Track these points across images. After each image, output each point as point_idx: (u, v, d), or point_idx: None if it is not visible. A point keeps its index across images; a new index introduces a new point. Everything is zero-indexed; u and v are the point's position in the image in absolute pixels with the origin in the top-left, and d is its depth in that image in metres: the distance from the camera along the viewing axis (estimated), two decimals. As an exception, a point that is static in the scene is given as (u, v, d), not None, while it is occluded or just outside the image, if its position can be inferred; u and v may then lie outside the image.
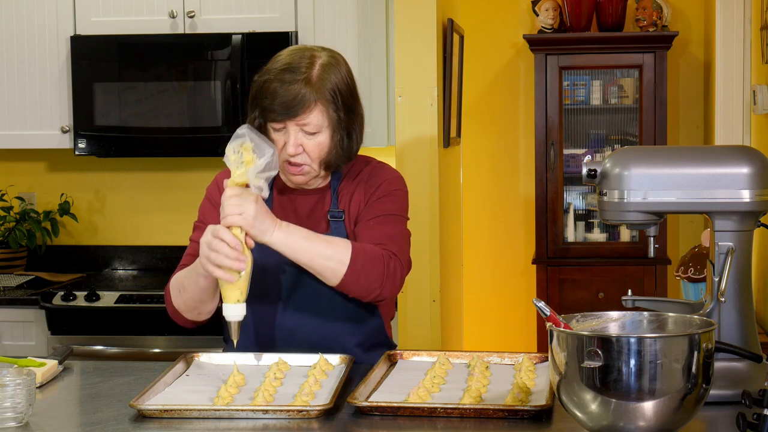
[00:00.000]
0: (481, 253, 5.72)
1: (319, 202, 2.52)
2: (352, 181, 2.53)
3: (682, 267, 2.62)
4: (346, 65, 2.48)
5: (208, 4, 4.18)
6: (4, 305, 4.05)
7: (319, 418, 2.03)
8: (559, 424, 1.98)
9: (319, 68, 2.41)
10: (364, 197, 2.50)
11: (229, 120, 4.07)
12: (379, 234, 2.42)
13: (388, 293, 2.37)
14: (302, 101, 2.37)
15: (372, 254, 2.34)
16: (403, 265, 2.39)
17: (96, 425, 2.03)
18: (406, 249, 2.44)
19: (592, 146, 5.39)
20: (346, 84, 2.44)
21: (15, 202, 4.56)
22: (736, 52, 4.61)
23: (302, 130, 2.41)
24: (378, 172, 2.54)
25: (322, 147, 2.42)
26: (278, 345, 2.48)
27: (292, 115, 2.39)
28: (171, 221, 4.59)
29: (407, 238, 2.48)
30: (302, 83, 2.38)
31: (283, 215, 2.47)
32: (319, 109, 2.39)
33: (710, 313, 2.12)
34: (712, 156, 2.12)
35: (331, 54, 2.47)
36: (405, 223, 2.51)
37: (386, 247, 2.38)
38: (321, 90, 2.39)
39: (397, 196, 2.51)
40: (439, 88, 4.06)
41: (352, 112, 2.46)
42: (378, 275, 2.33)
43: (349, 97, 2.45)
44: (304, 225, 2.39)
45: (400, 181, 2.55)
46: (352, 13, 4.10)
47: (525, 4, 5.56)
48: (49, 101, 4.27)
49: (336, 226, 2.49)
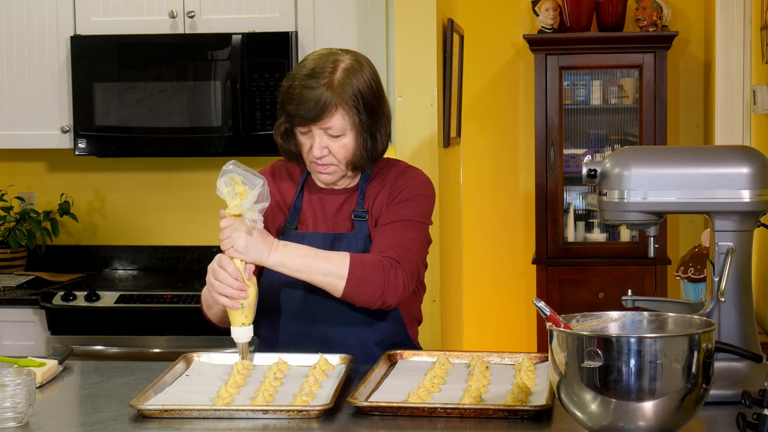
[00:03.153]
0: (481, 253, 5.72)
1: (347, 201, 2.57)
2: (379, 182, 2.57)
3: (682, 267, 2.62)
4: (370, 68, 2.53)
5: (208, 4, 4.18)
6: (4, 305, 4.05)
7: (319, 418, 2.03)
8: (559, 424, 1.98)
9: (341, 72, 2.46)
10: (387, 199, 2.54)
11: (229, 120, 4.07)
12: (389, 241, 2.45)
13: (393, 300, 2.40)
14: (324, 106, 2.43)
15: (371, 264, 2.37)
16: (406, 271, 2.41)
17: (96, 425, 2.03)
18: (413, 255, 2.46)
19: (592, 146, 5.39)
20: (370, 87, 2.49)
21: (15, 202, 4.56)
22: (736, 52, 4.61)
23: (326, 133, 2.47)
24: (404, 175, 2.58)
25: (347, 149, 2.48)
26: (299, 342, 2.52)
27: (315, 120, 2.45)
28: (171, 221, 4.59)
29: (419, 243, 2.50)
30: (324, 88, 2.44)
31: (312, 213, 2.56)
32: (341, 113, 2.45)
33: (710, 313, 2.12)
34: (712, 156, 2.12)
35: (356, 58, 2.52)
36: (421, 229, 2.53)
37: (390, 254, 2.41)
38: (342, 94, 2.44)
39: (418, 202, 2.54)
40: (439, 88, 4.06)
41: (375, 114, 2.51)
42: (378, 285, 2.37)
43: (373, 100, 2.50)
44: (330, 223, 2.53)
45: (424, 187, 2.57)
46: (352, 13, 4.10)
47: (525, 4, 5.56)
48: (49, 101, 4.27)
49: (359, 225, 2.53)
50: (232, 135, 4.08)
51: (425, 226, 2.55)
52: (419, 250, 2.49)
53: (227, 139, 4.09)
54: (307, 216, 2.58)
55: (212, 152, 4.15)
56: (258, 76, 4.04)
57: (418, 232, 2.51)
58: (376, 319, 2.52)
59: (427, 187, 2.58)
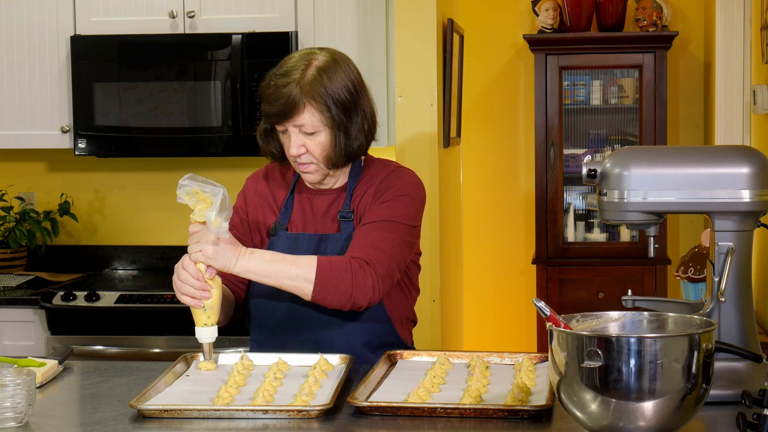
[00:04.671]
0: (481, 253, 5.72)
1: (335, 202, 2.58)
2: (368, 182, 2.57)
3: (682, 267, 2.62)
4: (348, 66, 2.52)
5: (208, 4, 4.18)
6: (4, 305, 4.05)
7: (319, 418, 2.03)
8: (559, 424, 1.98)
9: (312, 70, 2.46)
10: (372, 200, 2.53)
11: (229, 120, 4.07)
12: (364, 242, 2.44)
13: (363, 302, 2.39)
14: (293, 103, 2.44)
15: (338, 267, 2.36)
16: (376, 273, 2.39)
17: (96, 425, 2.03)
18: (387, 256, 2.43)
19: (592, 146, 5.39)
20: (344, 85, 2.48)
21: (15, 202, 4.56)
22: (736, 52, 4.61)
23: (301, 131, 2.47)
24: (392, 176, 2.56)
25: (323, 146, 2.48)
26: (287, 343, 2.52)
27: (286, 117, 2.46)
28: (171, 221, 4.59)
29: (397, 245, 2.46)
30: (293, 85, 2.45)
31: (301, 214, 2.57)
32: (311, 110, 2.45)
33: (710, 313, 2.12)
34: (712, 156, 2.12)
35: (332, 55, 2.51)
36: (402, 230, 2.49)
37: (360, 255, 2.40)
38: (311, 91, 2.44)
39: (402, 203, 2.51)
40: (439, 88, 4.06)
41: (350, 111, 2.49)
42: (346, 287, 2.36)
43: (347, 97, 2.48)
44: (318, 223, 2.55)
45: (411, 188, 2.55)
46: (352, 13, 4.10)
47: (525, 4, 5.56)
48: (49, 101, 4.27)
49: (345, 226, 2.53)
50: (232, 135, 4.08)
51: (407, 227, 2.51)
52: (394, 252, 2.45)
53: (227, 139, 4.09)
54: (297, 217, 2.58)
55: (212, 152, 4.15)
56: (258, 76, 4.04)
57: (397, 233, 2.47)
58: (362, 320, 2.51)
59: (414, 188, 2.55)
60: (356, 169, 2.58)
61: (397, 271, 2.47)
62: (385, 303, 2.53)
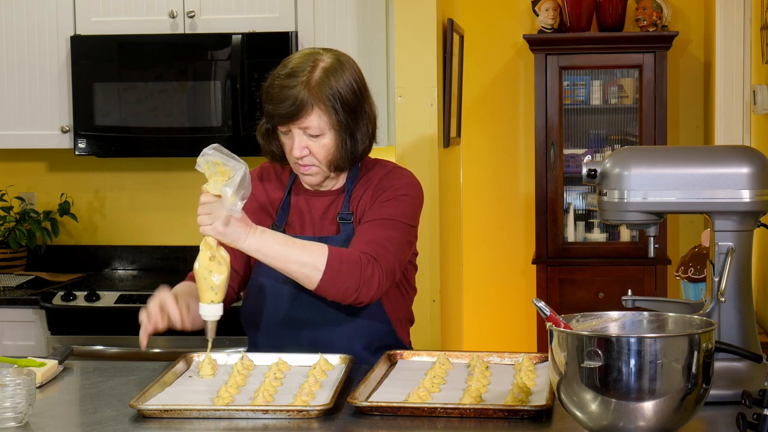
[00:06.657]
0: (481, 253, 5.72)
1: (333, 204, 2.56)
2: (365, 183, 2.55)
3: (682, 267, 2.62)
4: (353, 68, 2.50)
5: (208, 4, 4.18)
6: (4, 305, 4.05)
7: (319, 418, 2.03)
8: (559, 424, 1.98)
9: (320, 72, 2.44)
10: (371, 200, 2.52)
11: (229, 120, 4.07)
12: (367, 237, 2.42)
13: (366, 298, 2.37)
14: (301, 105, 2.41)
15: (349, 259, 2.34)
16: (382, 269, 2.38)
17: (96, 425, 2.03)
18: (392, 254, 2.42)
19: (592, 146, 5.39)
20: (350, 87, 2.46)
21: (15, 202, 4.56)
22: (736, 52, 4.61)
23: (305, 133, 2.45)
24: (390, 176, 2.55)
25: (327, 149, 2.46)
26: (285, 347, 2.50)
27: (293, 119, 2.43)
28: (171, 221, 4.59)
29: (399, 244, 2.46)
30: (301, 86, 2.42)
31: (299, 216, 2.54)
32: (318, 112, 2.43)
33: (710, 313, 2.12)
34: (712, 156, 2.13)
35: (337, 57, 2.49)
36: (403, 229, 2.49)
37: (368, 251, 2.38)
38: (319, 93, 2.42)
39: (402, 202, 2.51)
40: (439, 88, 4.06)
41: (355, 114, 2.48)
42: (354, 280, 2.34)
43: (353, 99, 2.46)
44: (316, 225, 2.51)
45: (410, 188, 2.54)
46: (352, 13, 4.10)
47: (525, 4, 5.56)
48: (49, 101, 4.27)
49: (345, 228, 2.51)
50: (232, 135, 4.08)
51: (407, 226, 2.50)
52: (397, 250, 2.44)
53: (227, 139, 4.09)
54: (294, 219, 2.56)
55: (212, 152, 4.14)
56: (258, 76, 4.04)
57: (398, 232, 2.47)
58: (362, 321, 2.50)
59: (413, 188, 2.55)
60: (354, 170, 2.57)
61: (398, 269, 2.47)
62: (383, 303, 2.52)
